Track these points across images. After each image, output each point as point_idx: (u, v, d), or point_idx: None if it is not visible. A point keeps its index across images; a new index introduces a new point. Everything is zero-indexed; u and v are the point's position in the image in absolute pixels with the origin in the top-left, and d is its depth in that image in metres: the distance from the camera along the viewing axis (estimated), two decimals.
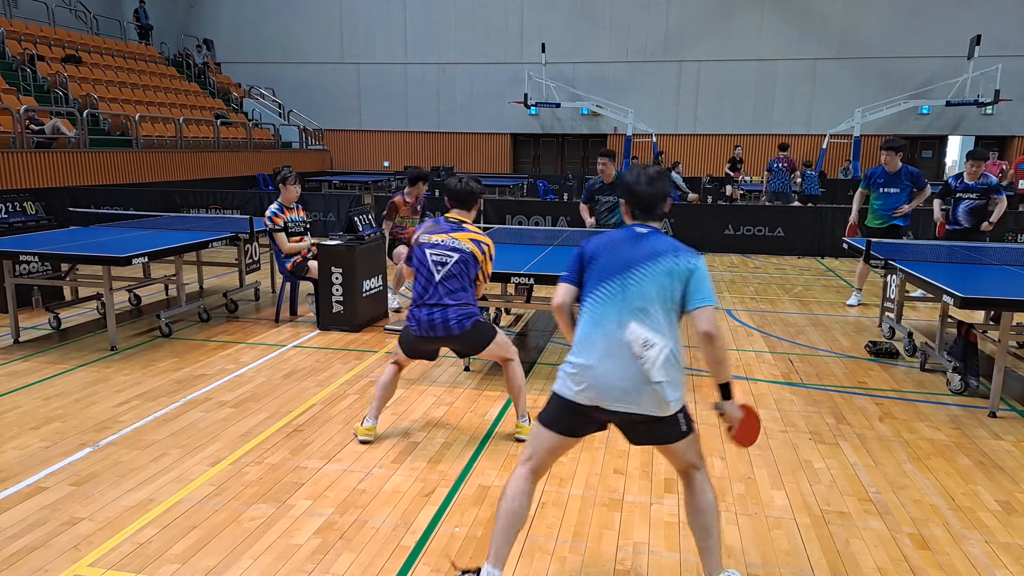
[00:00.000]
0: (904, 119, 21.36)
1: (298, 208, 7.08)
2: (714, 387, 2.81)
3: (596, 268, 2.80)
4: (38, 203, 8.56)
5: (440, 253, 4.16)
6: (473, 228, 4.26)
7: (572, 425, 2.76)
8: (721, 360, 2.73)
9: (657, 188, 2.86)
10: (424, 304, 4.12)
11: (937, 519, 3.44)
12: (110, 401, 4.83)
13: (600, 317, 2.72)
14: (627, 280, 2.72)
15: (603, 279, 2.76)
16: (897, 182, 7.52)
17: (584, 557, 3.09)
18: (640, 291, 2.71)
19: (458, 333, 4.12)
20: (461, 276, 4.14)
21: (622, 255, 2.77)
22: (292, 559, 3.04)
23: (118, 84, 18.55)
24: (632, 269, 2.74)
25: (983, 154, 7.21)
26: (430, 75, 23.89)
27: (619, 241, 2.83)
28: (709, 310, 2.74)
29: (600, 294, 2.75)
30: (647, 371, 2.63)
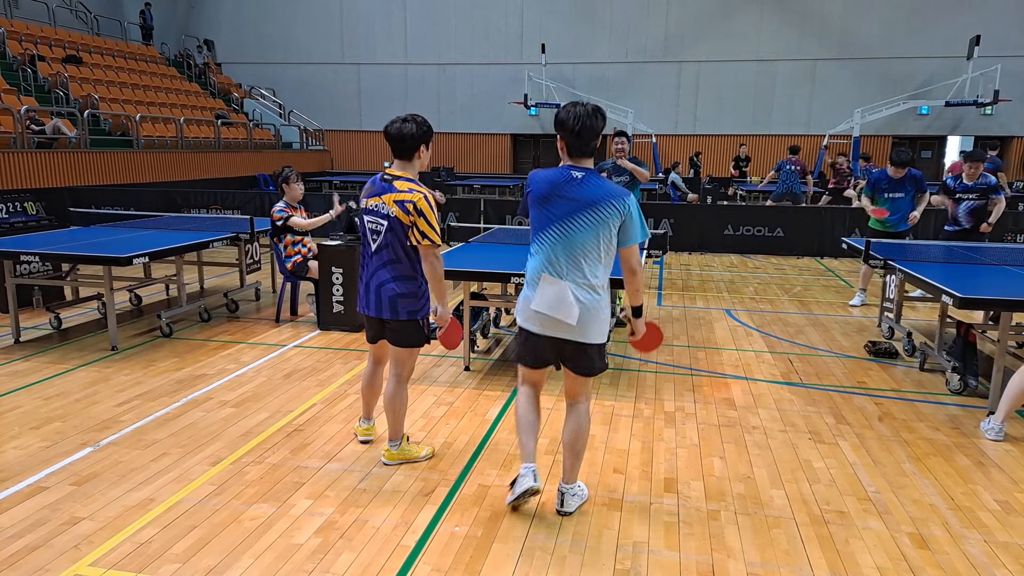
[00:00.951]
0: (903, 119, 21.35)
1: (300, 209, 7.08)
2: (628, 309, 3.39)
3: (544, 212, 3.20)
4: (39, 203, 8.57)
5: (373, 220, 3.67)
6: (403, 185, 3.62)
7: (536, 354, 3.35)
8: (639, 290, 3.32)
9: (593, 124, 3.15)
10: (364, 278, 3.77)
11: (936, 519, 3.45)
12: (111, 401, 4.84)
13: (549, 257, 3.20)
14: (570, 226, 3.15)
15: (550, 223, 3.19)
16: (902, 187, 7.50)
17: (584, 557, 3.10)
18: (582, 237, 3.15)
19: (389, 316, 3.70)
20: (393, 247, 3.63)
21: (565, 204, 3.16)
22: (292, 558, 3.05)
23: (119, 84, 18.56)
24: (575, 216, 3.14)
25: (980, 155, 7.19)
26: (430, 75, 23.89)
27: (560, 184, 3.18)
28: (636, 248, 3.22)
29: (547, 237, 3.20)
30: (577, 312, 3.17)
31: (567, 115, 3.13)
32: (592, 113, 3.15)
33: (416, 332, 3.77)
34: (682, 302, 8.25)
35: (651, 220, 12.19)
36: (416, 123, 3.68)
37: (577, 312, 3.15)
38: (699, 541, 3.23)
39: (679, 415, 4.72)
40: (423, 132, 3.68)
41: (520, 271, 5.33)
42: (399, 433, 3.94)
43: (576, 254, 3.15)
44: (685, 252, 11.99)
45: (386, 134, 3.70)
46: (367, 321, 3.88)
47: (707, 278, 9.83)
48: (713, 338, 6.68)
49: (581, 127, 3.12)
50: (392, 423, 3.92)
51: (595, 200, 3.12)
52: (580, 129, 3.12)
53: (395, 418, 3.90)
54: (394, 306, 3.68)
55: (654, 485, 3.75)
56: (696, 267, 10.70)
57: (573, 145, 3.16)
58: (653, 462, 4.02)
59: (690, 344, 6.48)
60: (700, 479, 3.82)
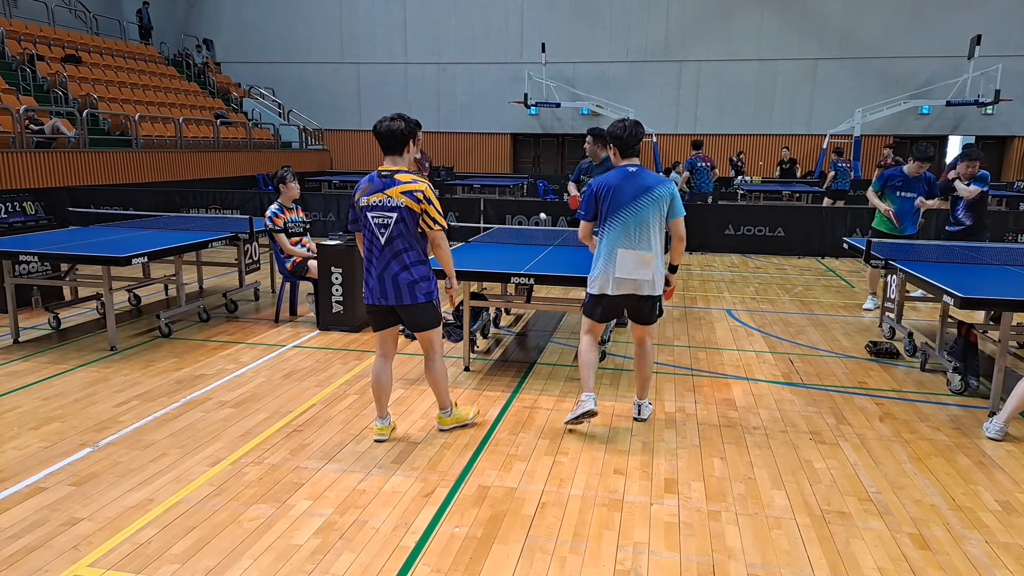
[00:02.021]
0: (904, 119, 21.35)
1: (297, 208, 7.08)
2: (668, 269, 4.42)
3: (614, 200, 4.18)
4: (38, 203, 8.56)
5: (379, 215, 3.94)
6: (406, 177, 3.94)
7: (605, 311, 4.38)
8: (680, 252, 4.40)
9: (637, 132, 4.30)
10: (374, 271, 4.01)
11: (937, 519, 3.44)
12: (110, 401, 4.83)
13: (615, 239, 4.21)
14: (637, 207, 4.17)
15: (621, 207, 4.17)
16: (915, 187, 7.23)
17: (584, 557, 3.09)
18: (646, 214, 4.18)
19: (408, 302, 4.00)
20: (405, 236, 3.94)
21: (630, 191, 4.18)
22: (292, 559, 3.04)
23: (118, 84, 18.55)
24: (639, 198, 4.17)
25: (977, 154, 7.12)
26: (430, 75, 23.88)
27: (623, 178, 4.21)
28: (681, 220, 4.30)
29: (619, 218, 4.19)
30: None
31: (620, 129, 4.28)
32: (635, 125, 4.31)
33: (434, 311, 4.14)
34: (683, 302, 8.24)
35: None
36: (404, 120, 3.98)
37: (650, 271, 4.20)
38: (699, 541, 3.22)
39: (680, 415, 4.72)
40: (411, 128, 3.99)
41: (520, 271, 5.32)
42: (447, 402, 4.36)
43: (642, 227, 4.17)
44: (686, 252, 11.97)
45: (375, 132, 3.97)
46: (376, 312, 4.12)
47: (708, 278, 9.83)
48: (714, 338, 6.67)
49: (629, 135, 4.26)
50: (438, 395, 4.34)
51: (651, 185, 4.18)
52: (628, 137, 4.26)
53: (439, 390, 4.31)
54: (412, 291, 4.01)
55: (654, 485, 3.74)
56: (697, 267, 10.69)
57: (625, 149, 4.28)
58: (653, 462, 4.01)
59: (691, 344, 6.47)
60: (701, 479, 3.81)
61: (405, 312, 4.06)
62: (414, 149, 4.05)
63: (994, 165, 21.10)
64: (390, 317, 4.12)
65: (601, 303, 4.33)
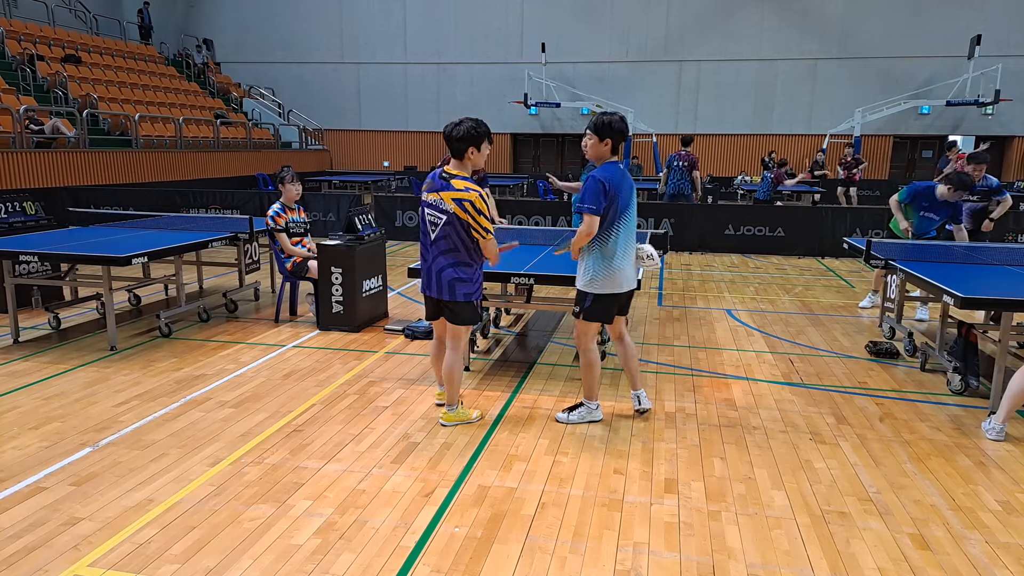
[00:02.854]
0: (904, 119, 21.36)
1: (299, 209, 7.08)
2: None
3: (622, 199, 4.16)
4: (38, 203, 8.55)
5: (432, 213, 4.19)
6: (460, 184, 4.09)
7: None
8: None
9: (625, 126, 4.27)
10: (425, 263, 4.30)
11: (937, 519, 3.44)
12: (110, 401, 4.83)
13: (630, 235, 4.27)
14: (634, 204, 4.30)
15: (628, 206, 4.22)
16: (943, 211, 6.80)
17: (584, 557, 3.09)
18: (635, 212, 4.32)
19: (448, 299, 4.23)
20: (450, 238, 4.14)
21: (630, 189, 4.24)
22: (292, 559, 3.04)
23: (118, 84, 18.55)
24: (634, 196, 4.29)
25: (984, 157, 7.09)
26: (430, 75, 23.88)
27: (622, 176, 4.20)
28: None
29: (628, 216, 4.23)
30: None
31: (623, 123, 4.21)
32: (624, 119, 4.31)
33: (472, 312, 4.31)
34: (683, 302, 8.24)
35: (651, 220, 12.20)
36: (467, 126, 4.11)
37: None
38: (700, 542, 3.22)
39: (680, 415, 4.72)
40: (471, 135, 4.11)
41: (520, 271, 5.32)
42: (454, 399, 4.48)
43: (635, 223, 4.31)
44: (686, 252, 11.98)
45: (444, 136, 4.23)
46: (427, 300, 4.40)
47: (708, 278, 9.83)
48: (714, 338, 6.67)
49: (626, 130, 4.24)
50: (448, 391, 4.46)
51: (631, 183, 4.30)
52: (626, 131, 4.25)
53: (451, 386, 4.44)
54: (452, 289, 4.22)
55: (654, 485, 3.74)
56: (697, 267, 10.69)
57: (619, 144, 4.22)
58: (654, 462, 4.01)
59: (691, 344, 6.47)
60: (701, 479, 3.81)
61: (447, 308, 4.30)
62: (476, 155, 4.15)
63: (994, 165, 21.10)
64: (438, 308, 4.36)
65: (617, 301, 4.34)
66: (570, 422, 4.45)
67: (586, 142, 4.29)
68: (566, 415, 4.52)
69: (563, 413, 4.55)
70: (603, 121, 4.16)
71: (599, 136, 4.17)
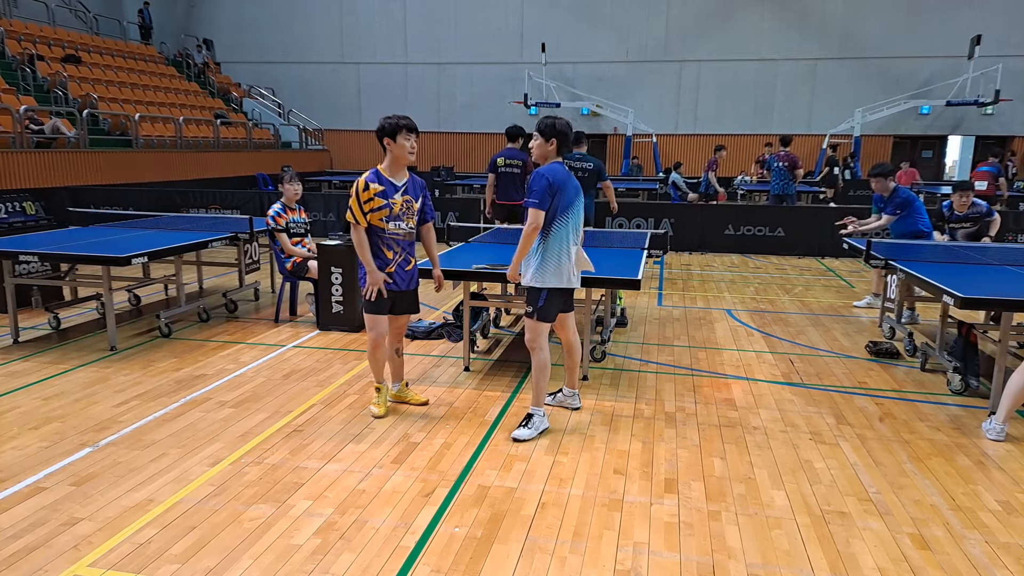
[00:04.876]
0: (904, 119, 21.35)
1: (300, 209, 7.08)
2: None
3: (564, 196, 4.25)
4: (38, 203, 8.56)
5: None
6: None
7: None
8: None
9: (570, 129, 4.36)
10: None
11: (937, 519, 3.44)
12: (110, 401, 4.83)
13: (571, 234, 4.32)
14: (579, 203, 4.38)
15: (572, 203, 4.30)
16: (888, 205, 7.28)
17: (584, 557, 3.09)
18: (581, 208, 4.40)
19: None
20: None
21: (573, 187, 4.34)
22: (292, 559, 3.04)
23: (118, 84, 18.54)
24: (579, 195, 4.36)
25: (968, 184, 7.27)
26: (430, 75, 23.88)
27: (567, 175, 4.33)
28: None
29: (572, 214, 4.31)
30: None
31: (565, 126, 4.32)
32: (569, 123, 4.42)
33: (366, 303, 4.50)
34: (683, 302, 8.24)
35: (651, 220, 12.19)
36: (382, 120, 4.39)
37: None
38: (700, 542, 3.22)
39: (680, 415, 4.72)
40: (382, 127, 4.36)
41: None
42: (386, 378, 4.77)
43: (580, 221, 4.40)
44: (686, 252, 11.98)
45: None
46: None
47: (708, 278, 9.83)
48: (714, 338, 6.67)
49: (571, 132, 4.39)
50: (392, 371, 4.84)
51: (576, 184, 4.40)
52: (570, 134, 4.38)
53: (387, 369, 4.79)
54: None
55: (655, 485, 3.74)
56: (697, 267, 10.69)
57: (565, 145, 4.33)
58: (654, 462, 4.01)
59: (691, 344, 6.47)
60: (701, 479, 3.81)
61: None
62: (394, 146, 4.36)
63: None
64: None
65: (560, 298, 4.37)
66: (532, 438, 4.28)
67: (532, 144, 4.36)
68: (527, 431, 4.29)
69: (522, 430, 4.31)
70: (549, 123, 4.29)
71: (545, 137, 4.29)
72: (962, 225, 7.21)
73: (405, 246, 4.52)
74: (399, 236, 4.46)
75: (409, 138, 4.36)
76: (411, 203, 4.49)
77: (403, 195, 4.44)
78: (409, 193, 4.49)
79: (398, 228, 4.44)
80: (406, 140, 4.33)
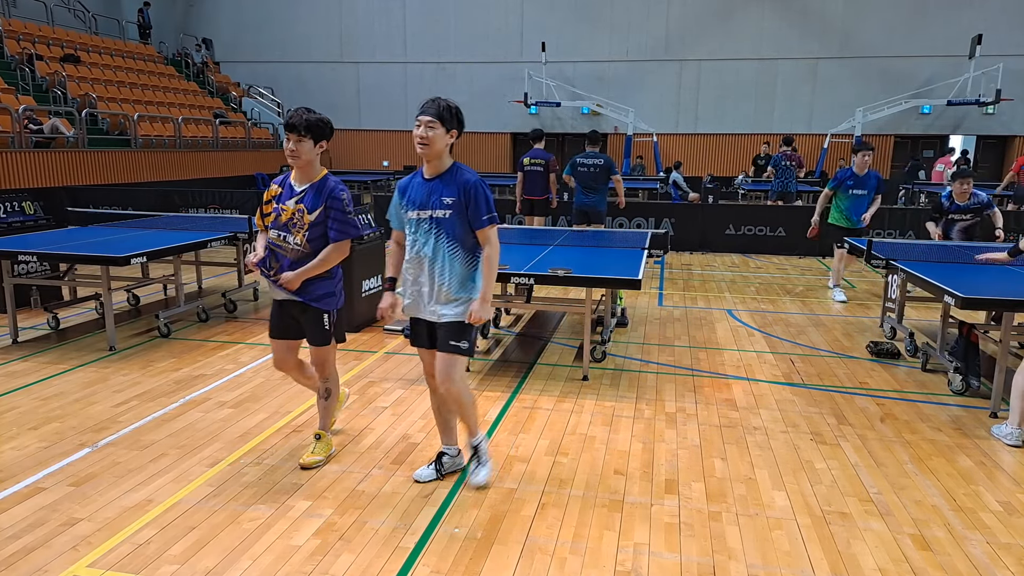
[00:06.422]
0: (905, 119, 21.34)
1: None
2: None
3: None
4: (37, 203, 8.54)
5: None
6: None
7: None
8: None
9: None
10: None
11: (938, 520, 3.43)
12: (109, 401, 4.81)
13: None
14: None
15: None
16: (865, 184, 7.98)
17: (584, 558, 3.08)
18: None
19: None
20: None
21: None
22: (291, 560, 3.03)
23: (117, 83, 18.53)
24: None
25: (969, 172, 7.04)
26: (430, 74, 23.85)
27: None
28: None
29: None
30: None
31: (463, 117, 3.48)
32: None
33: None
34: (683, 302, 8.23)
35: (652, 220, 12.18)
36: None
37: None
38: (700, 542, 3.21)
39: (680, 416, 4.70)
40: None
41: (520, 271, 5.31)
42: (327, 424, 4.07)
43: None
44: (686, 252, 11.97)
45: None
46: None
47: (708, 278, 9.82)
48: (714, 338, 6.66)
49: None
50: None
51: None
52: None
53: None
54: None
55: (655, 486, 3.73)
56: (697, 267, 10.68)
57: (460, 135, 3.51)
58: (654, 463, 4.00)
59: (691, 344, 6.46)
60: (701, 480, 3.80)
61: None
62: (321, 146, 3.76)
63: (995, 165, 21.10)
64: None
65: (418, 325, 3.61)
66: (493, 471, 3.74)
67: (426, 133, 3.35)
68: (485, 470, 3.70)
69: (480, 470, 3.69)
70: (445, 105, 3.38)
71: (446, 125, 3.37)
72: (962, 217, 7.08)
73: (286, 264, 3.72)
74: (281, 249, 3.72)
75: (288, 138, 3.67)
76: (303, 214, 3.65)
77: (297, 202, 3.67)
78: (305, 202, 3.66)
79: (281, 240, 3.71)
80: (286, 141, 3.68)
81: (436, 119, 3.35)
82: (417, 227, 3.47)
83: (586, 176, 8.74)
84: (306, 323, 3.83)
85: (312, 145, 3.70)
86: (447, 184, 3.44)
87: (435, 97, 3.42)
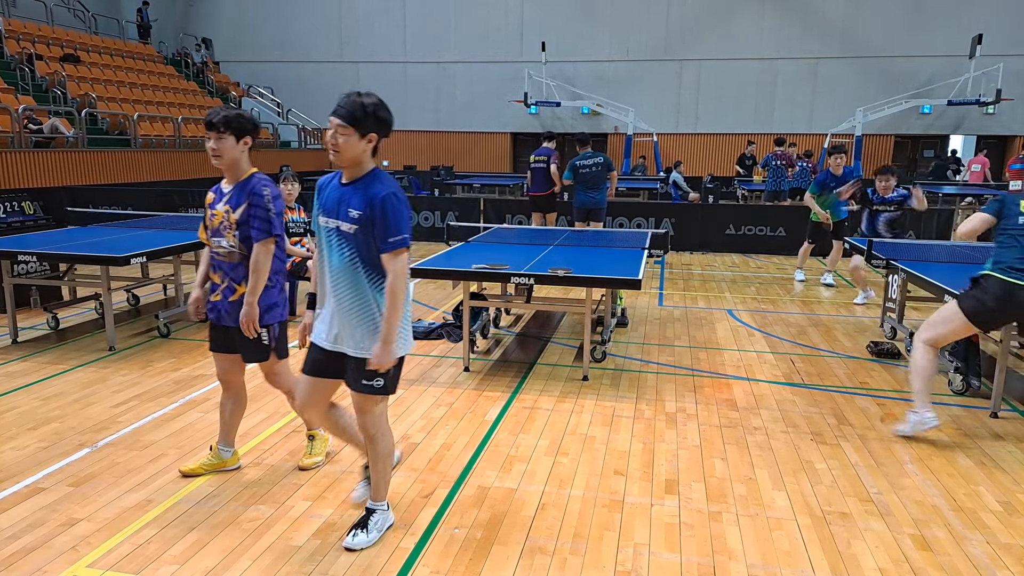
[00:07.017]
0: (905, 118, 21.34)
1: (299, 209, 7.07)
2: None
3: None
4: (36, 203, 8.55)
5: None
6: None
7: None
8: None
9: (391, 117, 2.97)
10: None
11: (938, 520, 3.43)
12: (108, 402, 4.81)
13: None
14: None
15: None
16: (844, 182, 8.38)
17: (584, 558, 3.08)
18: None
19: None
20: None
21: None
22: (291, 560, 3.03)
23: (116, 83, 18.52)
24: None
25: (892, 170, 7.52)
26: (429, 74, 23.85)
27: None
28: None
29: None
30: None
31: (383, 109, 2.87)
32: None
33: None
34: (683, 302, 8.22)
35: (652, 220, 12.17)
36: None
37: None
38: (700, 542, 3.21)
39: (680, 416, 4.70)
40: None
41: (520, 271, 5.31)
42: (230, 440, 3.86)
43: None
44: (686, 252, 11.96)
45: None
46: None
47: (708, 278, 9.81)
48: (715, 338, 6.66)
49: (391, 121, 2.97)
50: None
51: None
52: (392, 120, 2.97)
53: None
54: None
55: (655, 486, 3.73)
56: (698, 267, 10.68)
57: (386, 137, 2.96)
58: (654, 463, 4.00)
59: (691, 344, 6.46)
60: (701, 480, 3.80)
61: None
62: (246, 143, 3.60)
63: (995, 164, 21.08)
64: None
65: None
66: (375, 542, 3.13)
67: (336, 140, 2.82)
68: (365, 536, 3.11)
69: (359, 535, 3.11)
70: (359, 104, 2.79)
71: (360, 130, 2.81)
72: (886, 208, 7.53)
73: (227, 269, 3.53)
74: (220, 256, 3.55)
75: (208, 137, 3.50)
76: (229, 214, 3.51)
77: (225, 203, 3.56)
78: (230, 203, 3.53)
79: (218, 246, 3.55)
80: (207, 140, 3.49)
81: (348, 124, 2.79)
82: (326, 236, 2.97)
83: (589, 176, 9.15)
84: (239, 339, 3.54)
85: (235, 142, 3.52)
86: (358, 193, 2.88)
87: (351, 93, 2.82)
